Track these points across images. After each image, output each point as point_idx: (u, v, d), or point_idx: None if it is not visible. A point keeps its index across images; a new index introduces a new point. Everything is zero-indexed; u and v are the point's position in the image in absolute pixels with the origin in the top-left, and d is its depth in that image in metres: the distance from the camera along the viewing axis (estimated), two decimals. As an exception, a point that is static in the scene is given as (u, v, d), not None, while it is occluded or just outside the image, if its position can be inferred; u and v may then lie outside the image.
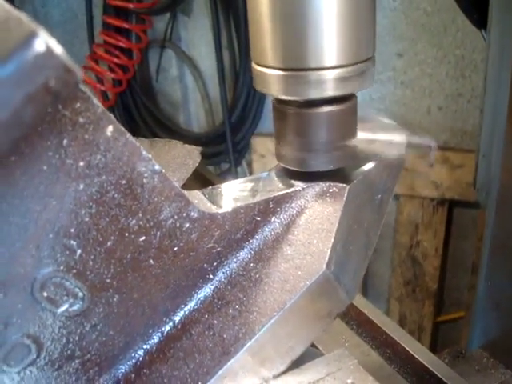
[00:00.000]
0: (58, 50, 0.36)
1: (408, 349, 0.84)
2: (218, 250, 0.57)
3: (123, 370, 0.57)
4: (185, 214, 0.53)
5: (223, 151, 2.45)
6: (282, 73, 0.56)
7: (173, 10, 2.44)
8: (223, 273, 0.59)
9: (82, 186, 0.46)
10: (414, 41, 1.89)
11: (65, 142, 0.44)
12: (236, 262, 0.59)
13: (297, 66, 0.55)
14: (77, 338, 0.54)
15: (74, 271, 0.50)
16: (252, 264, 0.59)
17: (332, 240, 0.56)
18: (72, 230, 0.48)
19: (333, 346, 0.85)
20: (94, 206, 0.48)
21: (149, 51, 2.66)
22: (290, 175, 0.63)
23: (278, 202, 0.59)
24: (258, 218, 0.59)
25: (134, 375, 0.57)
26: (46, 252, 0.48)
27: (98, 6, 2.48)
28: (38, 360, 0.53)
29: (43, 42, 0.35)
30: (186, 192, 0.54)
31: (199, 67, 2.57)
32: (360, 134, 0.62)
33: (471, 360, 1.27)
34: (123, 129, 0.46)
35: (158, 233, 0.53)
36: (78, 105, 0.42)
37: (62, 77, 0.37)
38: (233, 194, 0.62)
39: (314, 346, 0.80)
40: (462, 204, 1.94)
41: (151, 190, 0.50)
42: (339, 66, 0.55)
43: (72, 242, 0.49)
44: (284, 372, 0.60)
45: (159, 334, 0.58)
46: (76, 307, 0.52)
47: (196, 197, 0.59)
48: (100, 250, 0.50)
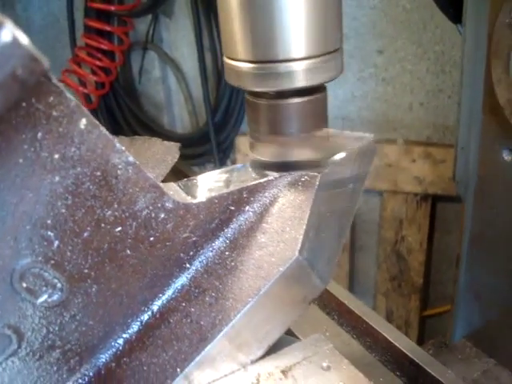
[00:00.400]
0: (24, 40, 0.37)
1: (388, 337, 0.85)
2: (194, 239, 0.59)
3: (104, 360, 0.58)
4: (160, 205, 0.54)
5: (208, 151, 2.46)
6: (252, 65, 0.58)
7: (154, 12, 2.44)
8: (199, 262, 0.60)
9: (57, 178, 0.48)
10: (394, 38, 1.90)
11: (39, 135, 0.45)
12: (212, 251, 0.60)
13: (266, 58, 0.57)
14: (57, 328, 0.55)
15: (52, 262, 0.51)
16: (227, 252, 0.60)
17: (304, 227, 0.57)
18: (49, 222, 0.49)
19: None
20: (70, 197, 0.49)
21: (131, 53, 2.66)
22: (263, 166, 0.65)
23: (252, 192, 0.60)
24: (232, 208, 0.60)
25: (114, 364, 0.58)
26: (24, 243, 0.49)
27: (80, 10, 2.49)
28: (20, 350, 0.54)
29: (10, 32, 0.36)
30: (161, 183, 0.55)
31: (182, 68, 2.58)
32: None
33: (454, 350, 1.29)
34: (97, 122, 0.47)
35: (134, 223, 0.54)
36: (52, 99, 0.44)
37: (28, 65, 0.38)
38: (208, 184, 0.64)
39: (295, 336, 0.81)
40: (445, 198, 1.96)
41: (126, 181, 0.51)
42: (307, 57, 0.57)
43: (49, 233, 0.50)
44: (261, 357, 0.61)
45: (138, 322, 0.59)
46: (55, 297, 0.53)
47: (171, 188, 0.60)
48: (77, 241, 0.52)
